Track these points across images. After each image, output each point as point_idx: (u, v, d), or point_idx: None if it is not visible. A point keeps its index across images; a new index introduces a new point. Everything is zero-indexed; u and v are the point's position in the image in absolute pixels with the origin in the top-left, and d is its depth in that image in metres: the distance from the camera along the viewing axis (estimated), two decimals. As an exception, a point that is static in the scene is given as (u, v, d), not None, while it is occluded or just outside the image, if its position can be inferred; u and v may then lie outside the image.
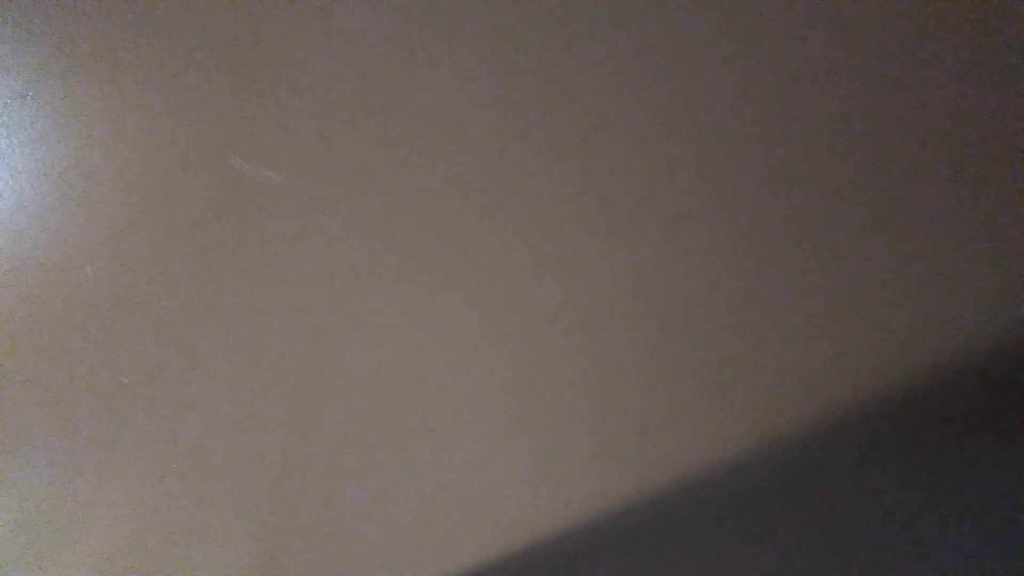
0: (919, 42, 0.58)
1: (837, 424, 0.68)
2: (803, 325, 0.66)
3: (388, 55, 0.60)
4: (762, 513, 0.69)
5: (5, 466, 0.72)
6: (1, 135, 0.61)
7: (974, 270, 0.64)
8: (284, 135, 0.62)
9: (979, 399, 0.67)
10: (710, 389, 0.68)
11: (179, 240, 0.65)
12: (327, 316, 0.67)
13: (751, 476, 0.68)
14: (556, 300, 0.67)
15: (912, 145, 0.61)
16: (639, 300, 0.66)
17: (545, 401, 0.69)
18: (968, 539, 0.68)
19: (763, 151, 0.62)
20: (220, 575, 0.74)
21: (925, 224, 0.63)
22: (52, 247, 0.66)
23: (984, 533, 0.68)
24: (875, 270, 0.65)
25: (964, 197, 0.63)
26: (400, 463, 0.71)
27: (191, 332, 0.68)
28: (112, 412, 0.70)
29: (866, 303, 0.66)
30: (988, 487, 0.68)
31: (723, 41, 0.58)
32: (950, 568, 0.68)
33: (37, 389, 0.70)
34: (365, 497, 0.71)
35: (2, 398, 0.70)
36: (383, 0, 0.59)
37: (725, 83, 0.60)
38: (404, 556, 0.72)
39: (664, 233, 0.64)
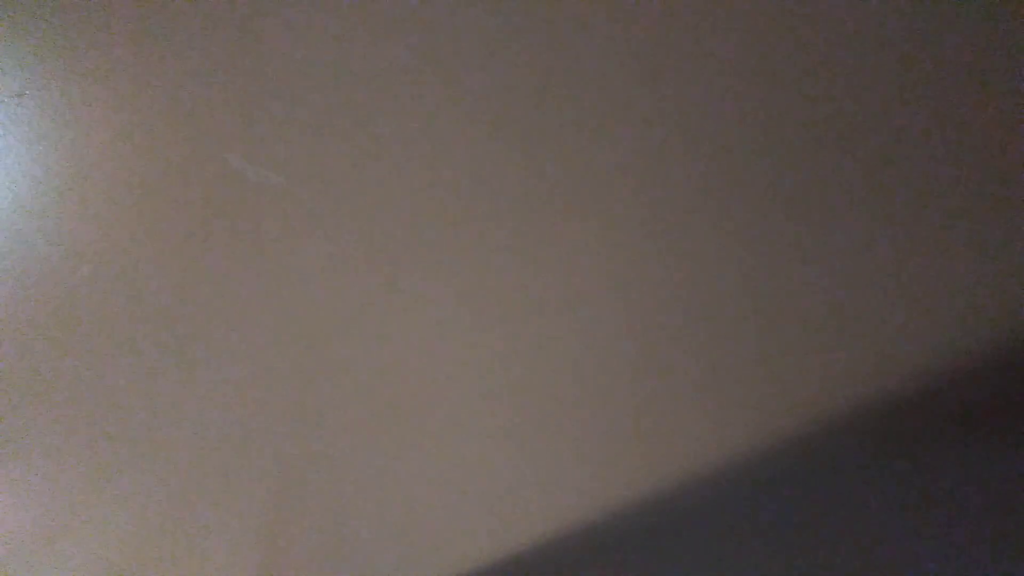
0: (919, 42, 0.58)
1: (838, 424, 0.68)
2: (804, 326, 0.66)
3: (387, 56, 0.60)
4: (762, 513, 0.69)
5: (4, 466, 0.71)
6: (-2, 134, 0.61)
7: (974, 269, 0.64)
8: (282, 136, 0.62)
9: (981, 397, 0.67)
10: (709, 389, 0.68)
11: (177, 240, 0.65)
12: (325, 316, 0.67)
13: (751, 476, 0.68)
14: (555, 303, 0.67)
15: (913, 145, 0.61)
16: (639, 302, 0.66)
17: (545, 403, 0.69)
18: (970, 537, 0.68)
19: (764, 151, 0.62)
20: (220, 574, 0.74)
21: (926, 225, 0.63)
22: (49, 246, 0.65)
23: (986, 531, 0.68)
24: (878, 270, 0.65)
25: (964, 197, 0.63)
26: (399, 465, 0.71)
27: (189, 332, 0.68)
28: (110, 412, 0.70)
29: (869, 303, 0.66)
30: (990, 485, 0.68)
31: (723, 40, 0.58)
32: (952, 565, 0.68)
33: (35, 388, 0.70)
34: (364, 498, 0.71)
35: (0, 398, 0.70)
36: (383, 1, 0.59)
37: (726, 84, 0.60)
38: (404, 557, 0.71)
39: (662, 234, 0.64)
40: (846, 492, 0.68)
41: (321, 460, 0.71)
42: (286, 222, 0.64)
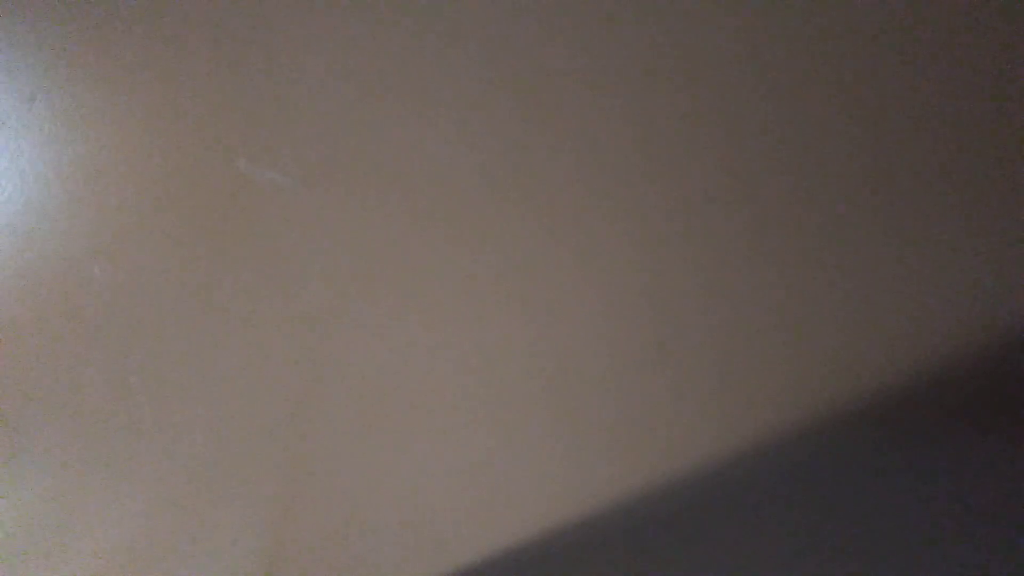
0: (920, 42, 0.58)
1: (853, 417, 0.68)
2: (812, 321, 0.67)
3: (395, 54, 0.60)
4: (771, 509, 0.70)
5: (10, 467, 0.72)
6: (9, 138, 0.61)
7: (975, 268, 0.65)
8: (290, 137, 0.62)
9: (983, 396, 0.67)
10: (720, 384, 0.68)
11: (186, 242, 0.66)
12: (334, 317, 0.68)
13: (759, 473, 0.69)
14: (560, 298, 0.67)
15: (914, 144, 0.62)
16: (651, 295, 0.67)
17: (551, 398, 0.69)
18: (971, 536, 0.68)
19: (770, 151, 0.62)
20: (223, 573, 0.75)
21: (926, 223, 0.64)
22: (60, 248, 0.66)
23: (987, 531, 0.68)
24: (881, 267, 0.65)
25: (964, 197, 0.63)
26: (405, 461, 0.71)
27: (197, 333, 0.69)
28: (119, 412, 0.71)
29: (874, 300, 0.66)
30: (992, 484, 0.68)
31: (735, 44, 0.58)
32: (953, 565, 0.68)
33: (43, 389, 0.71)
34: (370, 494, 0.72)
35: (9, 398, 0.71)
36: (392, 1, 0.59)
37: (734, 87, 0.60)
38: (408, 553, 0.72)
39: (675, 228, 0.65)
40: (855, 488, 0.69)
41: (330, 458, 0.71)
42: (296, 224, 0.65)
